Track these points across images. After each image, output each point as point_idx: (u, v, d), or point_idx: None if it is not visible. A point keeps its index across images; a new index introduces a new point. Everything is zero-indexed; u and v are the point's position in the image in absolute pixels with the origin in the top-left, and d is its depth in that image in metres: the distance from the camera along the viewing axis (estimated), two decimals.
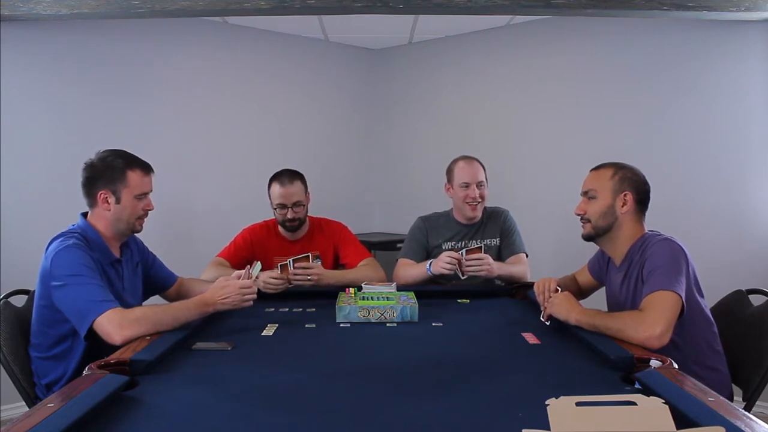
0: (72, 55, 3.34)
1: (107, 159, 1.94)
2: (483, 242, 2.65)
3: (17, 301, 2.05)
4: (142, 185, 1.96)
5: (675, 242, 1.85)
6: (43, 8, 2.80)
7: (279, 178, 2.64)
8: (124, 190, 1.93)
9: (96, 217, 1.95)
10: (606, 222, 1.93)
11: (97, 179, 1.92)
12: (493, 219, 2.71)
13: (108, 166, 1.92)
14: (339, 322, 2.02)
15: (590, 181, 1.99)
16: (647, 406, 1.01)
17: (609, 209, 1.92)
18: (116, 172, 1.92)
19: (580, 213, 1.99)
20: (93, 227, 1.93)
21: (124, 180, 1.92)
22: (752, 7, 2.77)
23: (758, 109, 3.15)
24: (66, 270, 1.76)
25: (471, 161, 2.67)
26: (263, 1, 2.73)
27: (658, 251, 1.81)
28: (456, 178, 2.64)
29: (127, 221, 1.96)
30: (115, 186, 1.92)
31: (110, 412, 1.23)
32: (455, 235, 2.69)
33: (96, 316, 1.69)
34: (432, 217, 2.77)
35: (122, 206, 1.93)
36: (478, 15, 3.40)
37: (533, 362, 1.62)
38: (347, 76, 4.57)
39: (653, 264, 1.78)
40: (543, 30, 3.84)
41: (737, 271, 3.06)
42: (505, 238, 2.68)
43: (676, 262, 1.78)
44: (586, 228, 1.98)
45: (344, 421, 1.22)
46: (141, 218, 1.99)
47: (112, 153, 1.96)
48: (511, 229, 2.70)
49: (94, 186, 1.92)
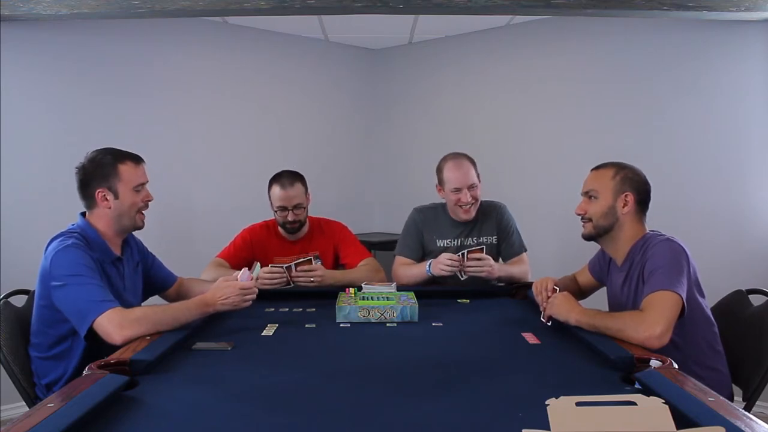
0: (72, 55, 3.34)
1: (96, 158, 1.94)
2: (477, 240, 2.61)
3: (17, 301, 2.06)
4: (136, 176, 1.97)
5: (676, 242, 1.85)
6: (43, 8, 2.80)
7: (279, 181, 2.63)
8: (120, 185, 1.93)
9: (96, 218, 1.95)
10: (607, 222, 1.93)
11: (90, 180, 1.93)
12: (489, 215, 2.64)
13: (98, 165, 1.93)
14: (339, 322, 2.01)
15: (591, 181, 1.98)
16: (647, 406, 1.01)
17: (610, 209, 1.92)
18: (107, 168, 1.93)
19: (580, 213, 1.98)
20: (92, 226, 1.94)
21: (116, 174, 1.93)
22: (752, 7, 2.77)
23: (758, 109, 3.15)
24: (66, 270, 1.76)
25: (460, 162, 2.53)
26: (263, 1, 2.73)
27: (659, 251, 1.81)
28: (446, 182, 2.53)
29: (129, 215, 1.96)
30: (110, 182, 1.92)
31: (110, 412, 1.23)
32: (450, 232, 2.63)
33: (96, 316, 1.69)
34: (428, 209, 2.69)
35: (121, 201, 1.94)
36: (478, 15, 3.40)
37: (533, 362, 1.62)
38: (347, 76, 4.57)
39: (654, 264, 1.78)
40: (543, 30, 3.84)
41: (737, 271, 3.06)
42: (504, 238, 2.64)
43: (677, 262, 1.78)
44: (587, 228, 1.98)
45: (344, 421, 1.22)
46: (142, 211, 2.00)
47: (100, 151, 1.97)
48: (509, 227, 2.65)
49: (89, 187, 1.93)
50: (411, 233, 2.67)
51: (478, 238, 2.62)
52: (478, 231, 2.63)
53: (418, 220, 2.67)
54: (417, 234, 2.66)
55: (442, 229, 2.64)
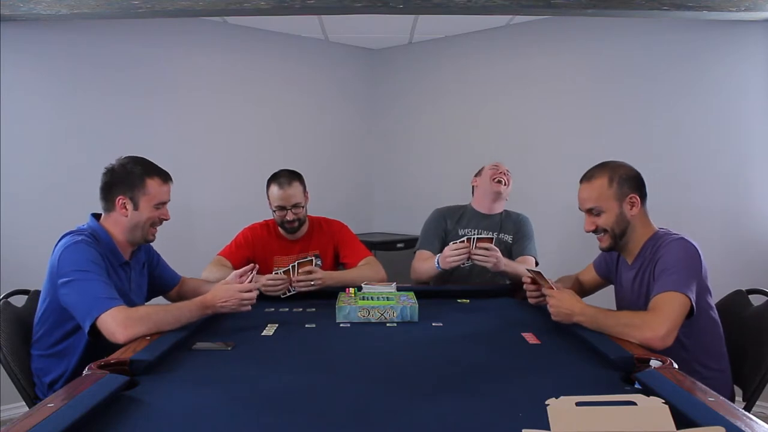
0: (72, 55, 3.34)
1: (127, 165, 1.96)
2: (497, 235, 2.66)
3: (17, 301, 2.06)
4: (160, 194, 1.98)
5: (690, 243, 1.82)
6: (43, 8, 2.81)
7: (277, 180, 2.63)
8: (143, 198, 1.94)
9: (111, 222, 1.96)
10: (620, 228, 1.91)
11: (116, 185, 1.94)
12: (513, 219, 2.76)
13: (128, 173, 1.94)
14: (339, 322, 2.01)
15: (588, 197, 1.93)
16: (647, 406, 1.01)
17: (619, 217, 1.90)
18: (135, 178, 1.94)
19: (591, 230, 1.96)
20: (105, 229, 1.94)
21: (142, 187, 1.94)
22: (752, 7, 2.77)
23: (758, 109, 3.15)
24: (73, 266, 1.77)
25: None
26: (263, 1, 2.73)
27: (672, 251, 1.80)
28: (486, 167, 2.77)
29: (143, 229, 1.97)
30: (134, 192, 1.94)
31: (110, 412, 1.23)
32: (473, 223, 2.73)
33: (100, 313, 1.69)
34: (450, 207, 2.83)
35: (140, 213, 1.95)
36: (478, 15, 3.40)
37: (533, 362, 1.62)
38: (347, 76, 4.57)
39: (665, 264, 1.77)
40: (543, 30, 3.84)
41: (737, 271, 3.06)
42: (518, 240, 2.71)
43: (690, 263, 1.77)
44: (605, 240, 1.95)
45: (344, 421, 1.22)
46: (155, 226, 2.01)
47: (132, 159, 1.98)
48: (527, 233, 2.73)
49: (112, 191, 1.94)
50: (432, 227, 2.76)
51: (495, 233, 2.67)
52: (499, 227, 2.73)
53: (439, 215, 2.79)
54: (439, 226, 2.74)
55: (465, 220, 2.75)
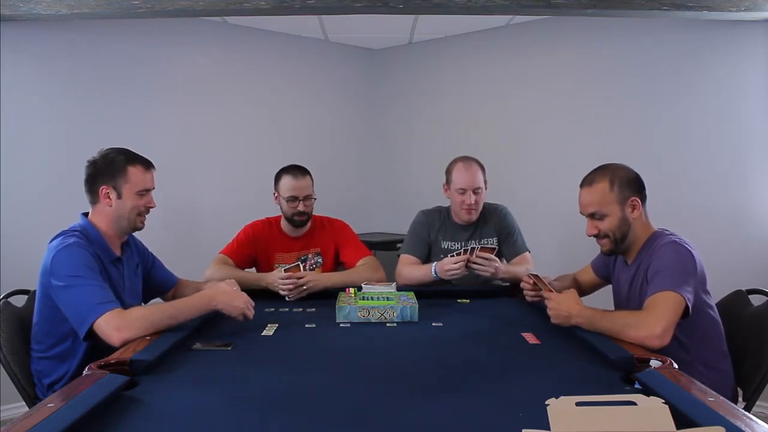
0: (72, 55, 3.34)
1: (109, 155, 1.97)
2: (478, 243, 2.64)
3: (17, 301, 2.06)
4: (143, 181, 1.99)
5: (682, 245, 1.83)
6: (43, 8, 2.80)
7: (290, 171, 2.65)
8: (126, 186, 1.95)
9: (97, 215, 1.96)
10: (622, 232, 1.92)
11: (98, 175, 1.95)
12: (490, 218, 2.70)
13: (109, 162, 1.96)
14: (339, 322, 2.02)
15: (589, 202, 1.93)
16: (647, 406, 1.01)
17: (621, 220, 1.91)
18: (117, 167, 1.95)
19: (593, 234, 1.96)
20: (94, 226, 1.95)
21: (125, 175, 1.95)
22: (752, 7, 2.77)
23: (758, 109, 3.15)
24: (67, 270, 1.77)
25: (469, 164, 2.61)
26: (263, 1, 2.73)
27: (664, 253, 1.81)
28: (453, 182, 2.61)
29: (128, 217, 1.97)
30: (116, 181, 1.94)
31: (110, 412, 1.23)
32: (454, 235, 2.69)
33: (94, 319, 1.69)
34: (433, 212, 2.76)
35: (123, 202, 1.95)
36: (478, 15, 3.40)
37: (533, 362, 1.62)
38: (347, 76, 4.57)
39: (658, 265, 1.78)
40: (543, 30, 3.83)
41: (737, 271, 3.05)
42: (505, 238, 2.67)
43: (682, 264, 1.77)
44: (606, 244, 1.95)
45: (344, 421, 1.22)
46: (142, 215, 2.01)
47: (113, 150, 2.00)
48: (511, 228, 2.69)
49: (95, 182, 1.95)
50: (417, 233, 2.72)
51: (479, 241, 2.66)
52: (480, 233, 2.69)
53: (425, 221, 2.73)
54: (423, 234, 2.71)
55: (446, 232, 2.70)
